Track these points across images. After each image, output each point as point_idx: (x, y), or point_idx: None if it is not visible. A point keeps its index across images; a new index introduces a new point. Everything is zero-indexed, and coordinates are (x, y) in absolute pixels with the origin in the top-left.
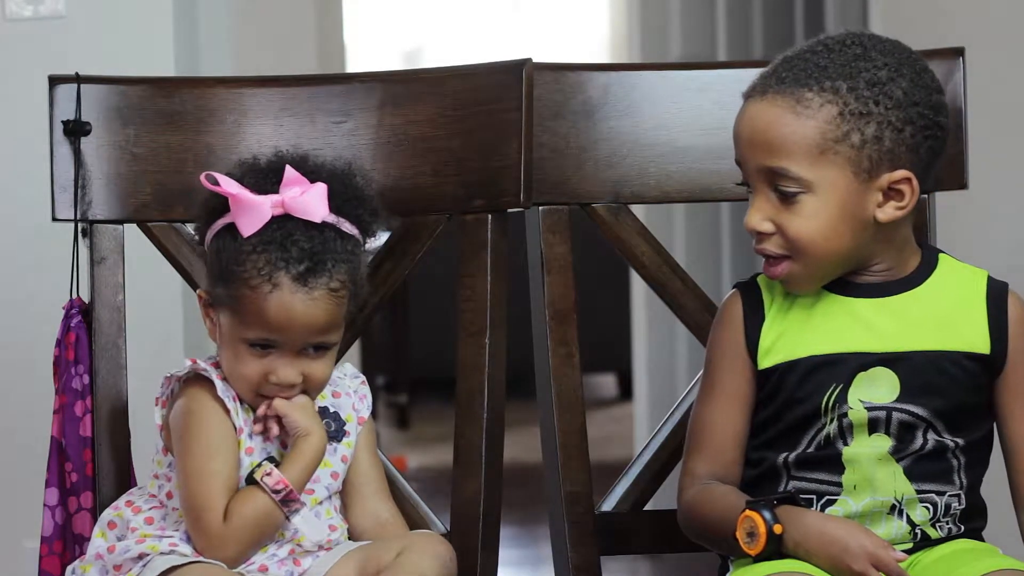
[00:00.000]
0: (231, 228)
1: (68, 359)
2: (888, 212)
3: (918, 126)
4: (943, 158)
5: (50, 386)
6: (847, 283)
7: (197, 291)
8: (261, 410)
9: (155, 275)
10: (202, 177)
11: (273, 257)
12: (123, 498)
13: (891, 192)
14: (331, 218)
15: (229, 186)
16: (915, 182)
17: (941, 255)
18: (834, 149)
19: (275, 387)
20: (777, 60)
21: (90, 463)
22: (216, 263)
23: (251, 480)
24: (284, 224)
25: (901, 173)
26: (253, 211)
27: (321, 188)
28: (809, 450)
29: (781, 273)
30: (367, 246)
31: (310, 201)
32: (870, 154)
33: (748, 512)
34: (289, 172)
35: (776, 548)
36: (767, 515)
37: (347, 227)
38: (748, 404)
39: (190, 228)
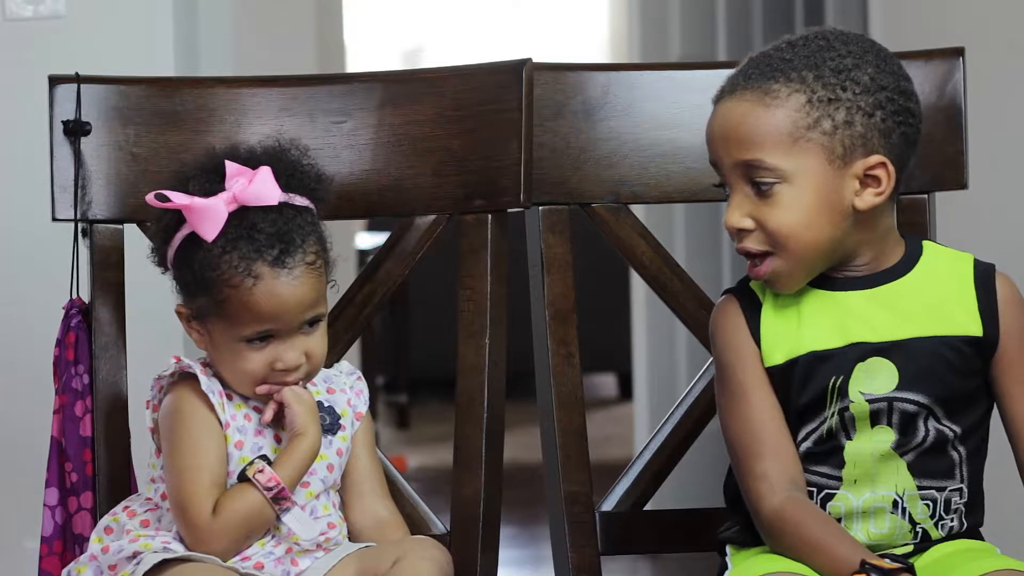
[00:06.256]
0: (192, 238)
1: (68, 359)
2: (867, 199)
3: (888, 111)
4: (917, 148)
5: (50, 386)
6: (834, 279)
7: (175, 308)
8: (264, 389)
9: (155, 275)
10: (149, 197)
11: (245, 251)
12: (121, 504)
13: (868, 179)
14: (283, 197)
15: (179, 199)
16: (890, 167)
17: (925, 242)
18: (806, 136)
19: (282, 373)
20: (743, 61)
21: (90, 463)
22: (188, 275)
23: (243, 477)
24: (242, 217)
25: (876, 158)
26: (210, 215)
27: (266, 171)
28: (809, 444)
29: (765, 272)
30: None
31: (261, 187)
32: (842, 140)
33: None
34: (230, 166)
35: None
36: None
37: (299, 200)
38: (776, 398)
39: None
